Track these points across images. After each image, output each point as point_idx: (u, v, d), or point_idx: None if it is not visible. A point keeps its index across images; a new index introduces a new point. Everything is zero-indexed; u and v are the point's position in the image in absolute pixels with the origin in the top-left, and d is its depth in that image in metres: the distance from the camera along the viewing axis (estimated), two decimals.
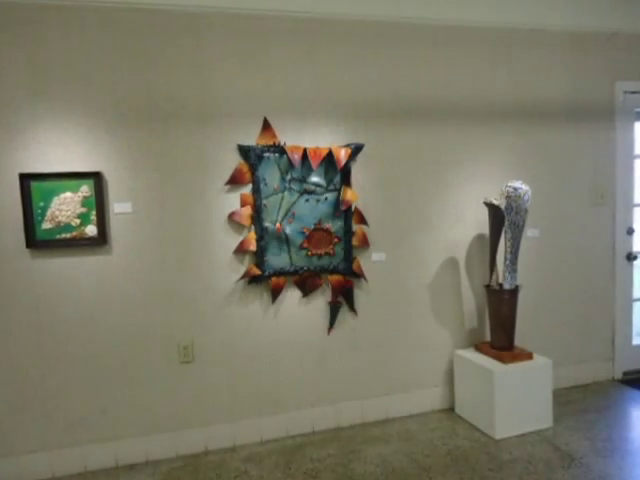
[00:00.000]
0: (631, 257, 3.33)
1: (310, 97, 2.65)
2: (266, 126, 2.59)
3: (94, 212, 2.37)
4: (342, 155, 2.64)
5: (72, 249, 2.38)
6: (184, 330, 2.56)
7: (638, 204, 3.35)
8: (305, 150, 2.60)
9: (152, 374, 2.53)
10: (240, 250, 2.59)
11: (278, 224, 2.61)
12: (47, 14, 2.29)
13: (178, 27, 2.45)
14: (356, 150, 2.69)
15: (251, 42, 2.54)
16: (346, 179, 2.69)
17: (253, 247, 2.59)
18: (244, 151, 2.55)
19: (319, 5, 2.59)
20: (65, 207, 2.34)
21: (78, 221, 2.36)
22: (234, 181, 2.56)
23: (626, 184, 3.28)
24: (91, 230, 2.38)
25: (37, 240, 2.31)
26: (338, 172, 2.67)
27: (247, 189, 2.59)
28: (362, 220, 2.74)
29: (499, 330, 2.78)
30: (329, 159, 2.64)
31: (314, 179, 2.65)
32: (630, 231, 3.32)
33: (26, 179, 2.27)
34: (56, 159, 2.34)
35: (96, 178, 2.35)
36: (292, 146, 2.60)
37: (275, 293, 2.66)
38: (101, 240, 2.38)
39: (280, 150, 2.58)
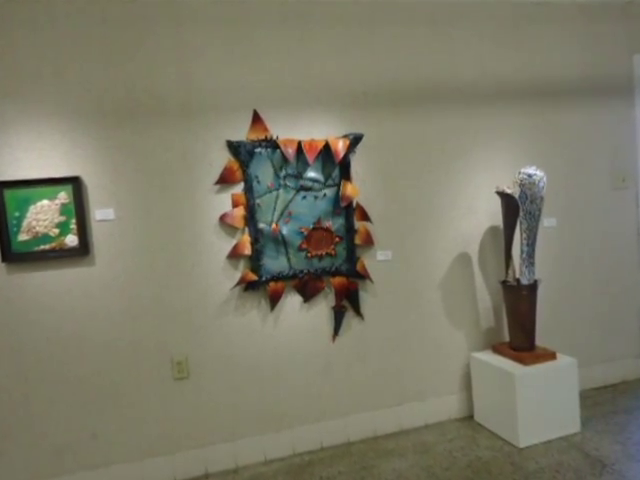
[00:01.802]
0: None
1: (303, 86, 2.63)
2: (256, 119, 2.56)
3: (74, 220, 2.34)
4: (340, 147, 2.61)
5: (52, 261, 2.35)
6: (177, 344, 2.54)
7: None
8: (300, 143, 2.57)
9: (144, 393, 2.51)
10: (234, 255, 2.56)
11: (274, 225, 2.59)
12: (13, 8, 2.26)
13: (156, 16, 2.42)
14: (355, 141, 2.67)
15: (236, 29, 2.52)
16: (345, 173, 2.67)
17: (248, 251, 2.56)
18: (234, 147, 2.52)
19: None
20: (42, 216, 2.31)
21: (57, 231, 2.33)
22: (224, 180, 2.54)
23: None
24: (71, 240, 2.35)
25: (13, 253, 2.29)
26: (336, 166, 2.65)
27: (238, 188, 2.56)
28: (365, 217, 2.72)
29: (518, 329, 2.75)
30: (326, 152, 2.61)
31: (311, 174, 2.63)
32: None
33: None
34: (30, 165, 2.32)
35: (74, 183, 2.33)
36: (285, 139, 2.57)
37: (274, 299, 2.63)
38: (83, 250, 2.36)
39: (272, 144, 2.56)
